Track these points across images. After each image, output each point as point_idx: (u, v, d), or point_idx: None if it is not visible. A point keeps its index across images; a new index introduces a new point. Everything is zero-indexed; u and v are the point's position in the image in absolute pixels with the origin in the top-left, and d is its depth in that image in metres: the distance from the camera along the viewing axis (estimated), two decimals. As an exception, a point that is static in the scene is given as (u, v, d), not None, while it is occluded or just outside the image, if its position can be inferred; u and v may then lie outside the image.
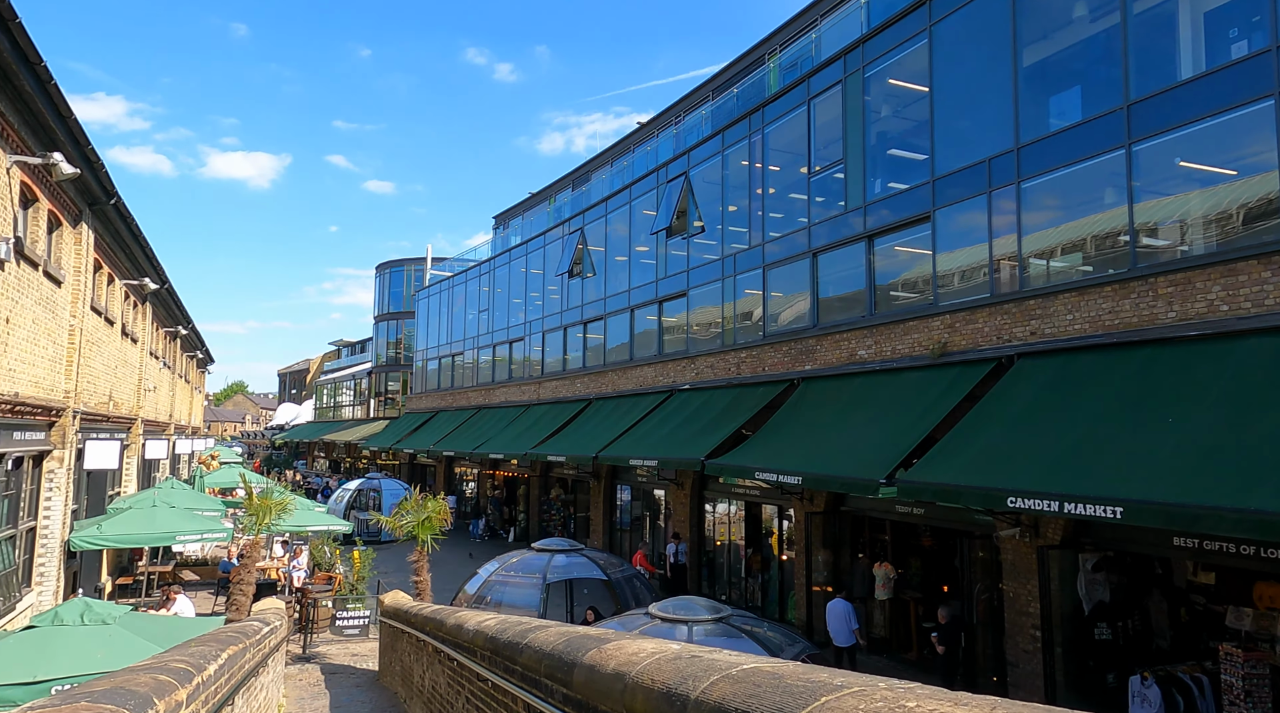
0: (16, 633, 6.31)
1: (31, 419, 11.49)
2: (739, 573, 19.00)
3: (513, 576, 11.87)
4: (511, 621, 5.42)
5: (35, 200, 11.23)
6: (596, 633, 3.94)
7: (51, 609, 6.48)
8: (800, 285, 17.07)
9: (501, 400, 32.51)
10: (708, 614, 7.76)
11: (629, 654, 3.11)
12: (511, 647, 4.69)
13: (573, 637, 3.92)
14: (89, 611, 6.45)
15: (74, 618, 6.35)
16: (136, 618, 6.85)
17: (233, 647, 5.45)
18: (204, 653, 4.62)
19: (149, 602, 15.78)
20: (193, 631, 6.92)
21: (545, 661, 3.92)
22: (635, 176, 25.08)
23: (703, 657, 2.71)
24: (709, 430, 17.11)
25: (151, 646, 6.23)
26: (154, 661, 4.01)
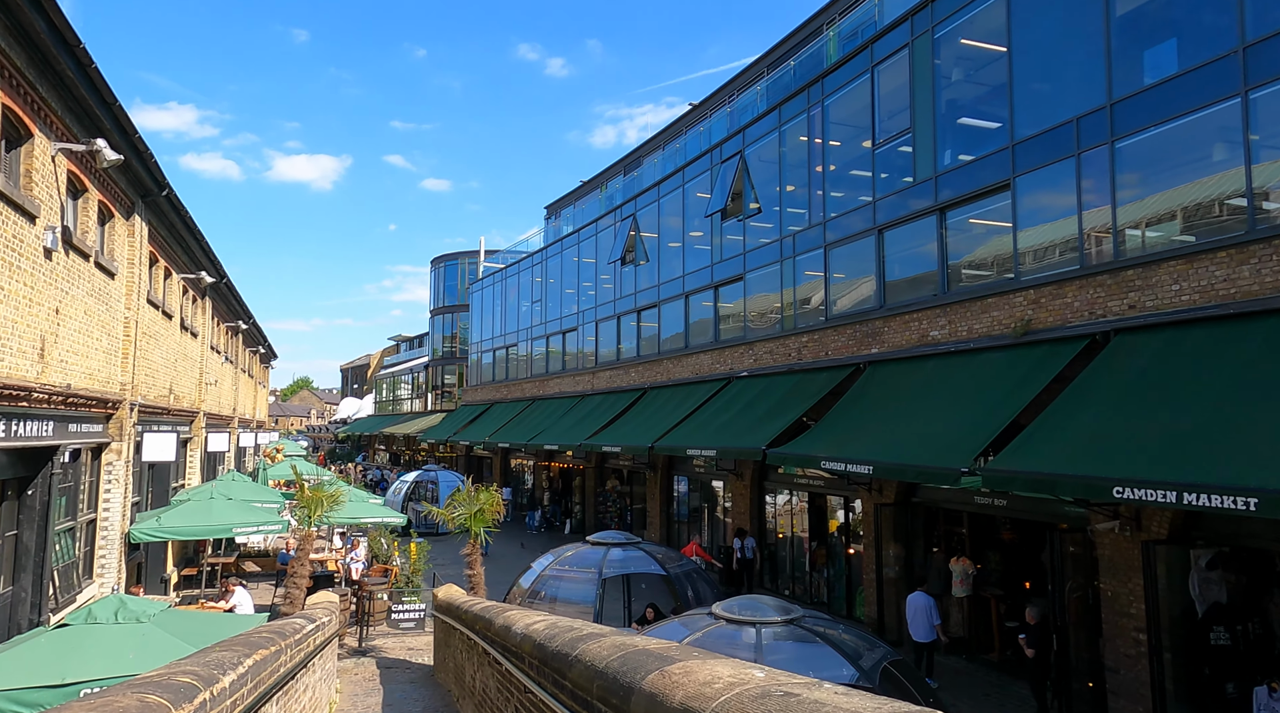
0: (48, 630, 6.06)
1: (87, 411, 11.46)
2: (802, 567, 18.20)
3: (567, 570, 11.37)
4: (562, 625, 4.85)
5: (84, 191, 11.14)
6: (658, 648, 3.33)
7: (85, 607, 6.22)
8: (865, 265, 16.13)
9: (555, 391, 32.21)
10: (777, 615, 7.09)
11: (699, 683, 2.48)
12: (560, 658, 4.11)
13: (630, 652, 3.31)
14: (123, 608, 6.15)
15: (107, 616, 6.06)
16: (173, 616, 6.55)
17: (262, 650, 5.02)
18: (222, 661, 4.16)
19: (209, 593, 15.85)
20: (230, 629, 6.58)
21: (598, 680, 3.32)
22: (688, 158, 24.33)
23: (800, 696, 2.06)
24: (769, 418, 16.35)
25: (185, 646, 5.89)
26: (158, 673, 3.55)
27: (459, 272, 51.72)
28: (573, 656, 3.87)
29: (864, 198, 16.29)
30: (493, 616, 7.19)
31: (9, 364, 8.58)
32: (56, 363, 10.08)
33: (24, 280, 8.86)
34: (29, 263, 8.98)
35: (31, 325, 9.16)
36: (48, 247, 9.39)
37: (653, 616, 12.42)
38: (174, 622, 6.41)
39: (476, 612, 8.40)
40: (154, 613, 6.27)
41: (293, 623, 7.01)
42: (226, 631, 6.49)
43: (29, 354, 9.13)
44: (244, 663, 4.39)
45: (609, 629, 4.47)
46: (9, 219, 8.38)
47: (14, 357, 8.71)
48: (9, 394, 8.46)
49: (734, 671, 2.53)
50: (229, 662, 4.22)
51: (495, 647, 6.60)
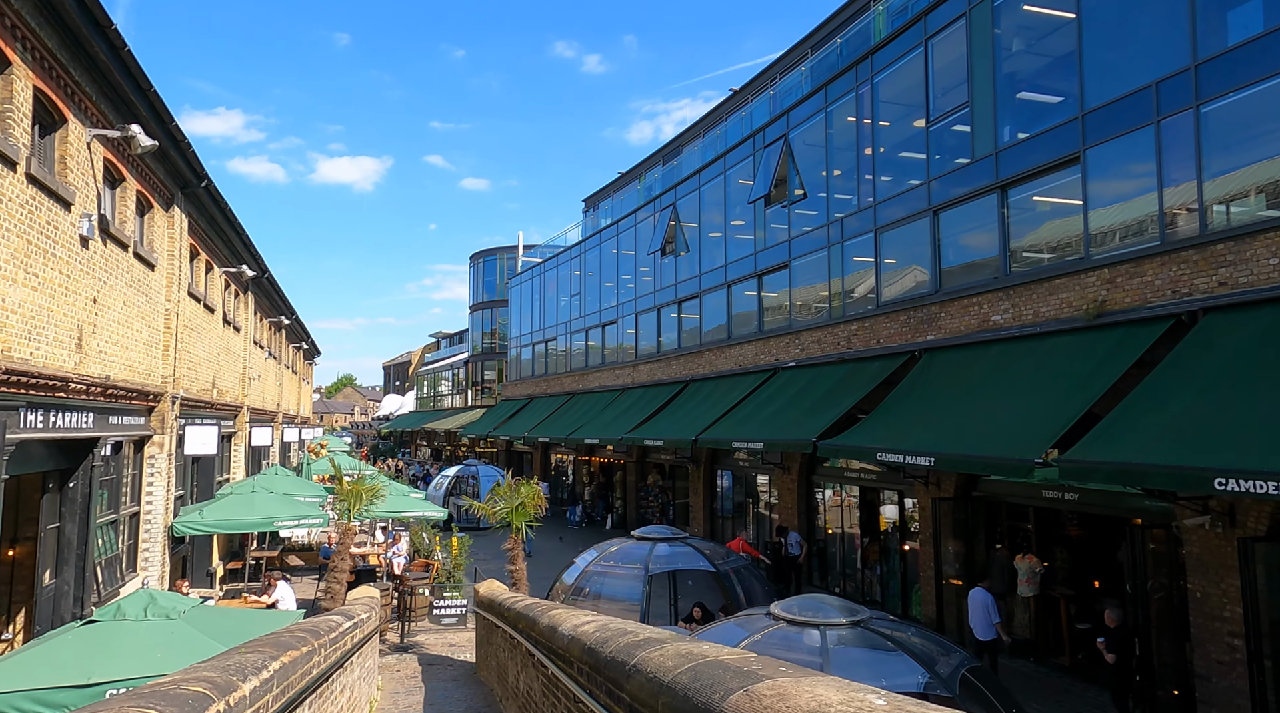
0: (76, 627, 5.81)
1: (127, 403, 11.35)
2: (853, 564, 17.53)
3: (612, 566, 10.93)
4: (614, 628, 4.38)
5: (122, 180, 11.02)
6: (733, 659, 2.83)
7: (114, 602, 5.96)
8: (918, 248, 15.39)
9: (595, 385, 31.86)
10: (842, 616, 6.54)
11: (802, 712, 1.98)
12: (615, 666, 3.65)
13: (700, 663, 2.83)
14: (153, 604, 5.88)
15: (137, 612, 5.78)
16: (205, 612, 6.27)
17: (292, 652, 4.64)
18: (245, 665, 3.78)
19: (253, 588, 15.79)
20: (264, 626, 6.28)
21: (664, 696, 2.84)
22: (729, 145, 23.72)
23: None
24: (818, 410, 15.72)
25: (215, 644, 5.58)
26: (171, 680, 3.17)
27: (498, 267, 51.71)
28: (630, 664, 3.40)
29: (917, 179, 15.54)
30: (536, 614, 6.77)
31: (45, 354, 8.42)
32: (95, 354, 9.94)
33: (59, 268, 8.70)
34: (64, 251, 8.82)
35: (68, 315, 9.01)
36: (84, 234, 9.23)
37: (700, 614, 11.94)
38: (206, 618, 6.12)
39: (519, 609, 8.00)
40: (184, 609, 5.98)
41: (329, 620, 6.68)
42: (259, 628, 6.18)
43: (66, 344, 8.98)
44: (269, 667, 4.01)
45: (668, 633, 4.00)
46: (42, 205, 8.21)
47: (50, 346, 8.55)
48: (45, 384, 8.29)
49: (843, 695, 2.02)
50: (252, 666, 3.84)
51: (540, 648, 6.17)
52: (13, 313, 7.63)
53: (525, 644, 7.37)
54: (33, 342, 8.13)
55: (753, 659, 2.84)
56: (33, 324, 8.10)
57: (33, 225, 7.99)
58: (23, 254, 7.79)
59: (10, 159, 7.36)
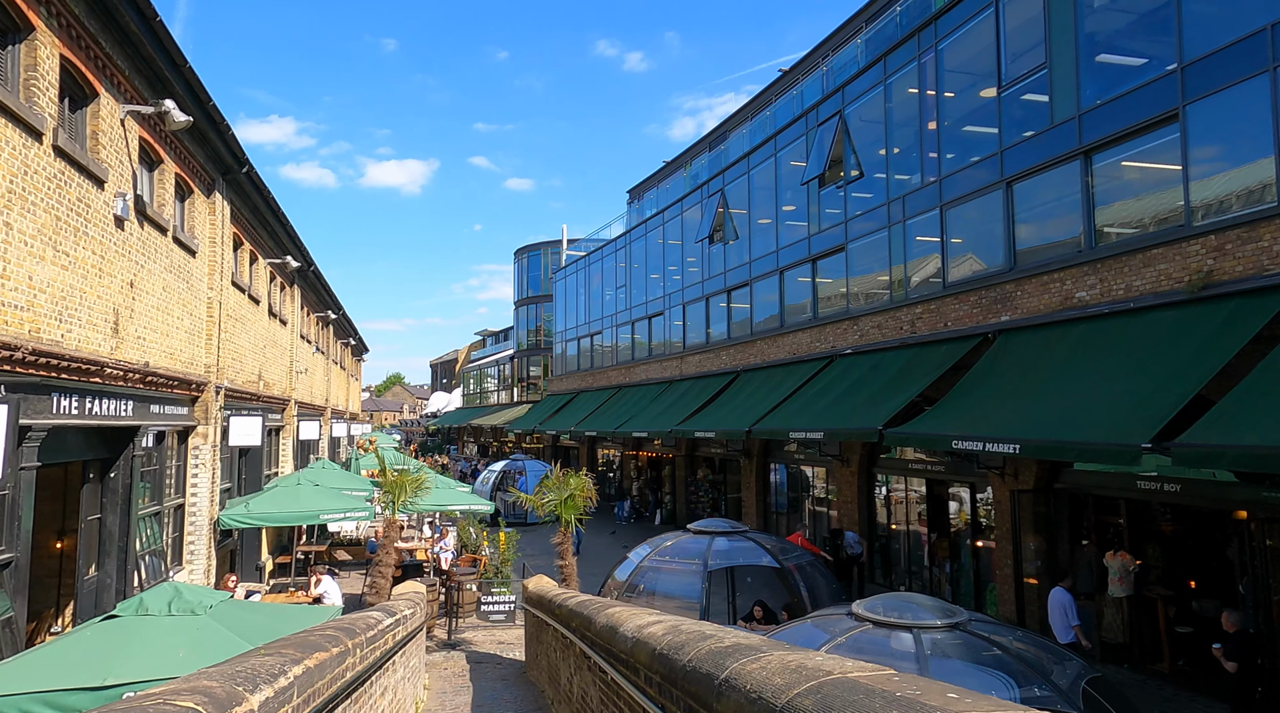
0: (95, 623, 5.37)
1: (168, 392, 11.07)
2: (919, 561, 16.56)
3: (668, 561, 10.26)
4: (689, 630, 3.70)
5: (159, 162, 10.71)
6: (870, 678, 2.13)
7: (137, 596, 5.52)
8: (990, 223, 14.36)
9: (642, 378, 31.22)
10: (936, 618, 5.76)
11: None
12: (698, 679, 2.96)
13: (826, 681, 2.13)
14: (178, 599, 5.40)
15: (160, 607, 5.31)
16: (234, 608, 5.79)
17: (320, 654, 4.07)
18: (258, 671, 3.19)
19: (300, 582, 15.53)
20: (297, 623, 5.77)
21: (779, 727, 2.15)
22: (779, 126, 22.82)
23: None
24: (881, 398, 14.81)
25: (241, 643, 5.09)
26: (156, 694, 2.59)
27: (541, 262, 51.45)
28: (721, 678, 2.72)
29: (987, 150, 14.52)
30: (592, 612, 6.13)
31: (78, 337, 8.08)
32: (133, 339, 9.63)
33: (92, 248, 8.36)
34: (97, 230, 8.48)
35: (103, 297, 8.67)
36: (118, 214, 8.89)
37: (761, 614, 11.20)
38: (235, 615, 5.63)
39: (572, 607, 7.38)
40: (211, 604, 5.49)
41: (367, 618, 6.13)
42: (293, 625, 5.67)
43: (100, 327, 8.65)
44: (289, 672, 3.43)
45: (755, 638, 3.30)
46: (72, 180, 7.85)
47: (84, 329, 8.21)
48: (79, 368, 7.95)
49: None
50: (268, 671, 3.26)
51: (598, 651, 5.53)
52: (41, 292, 7.27)
53: (579, 645, 6.75)
54: (64, 324, 7.79)
55: (896, 678, 2.13)
56: (64, 305, 7.75)
57: (62, 201, 7.63)
58: (51, 231, 7.43)
59: (35, 129, 6.99)
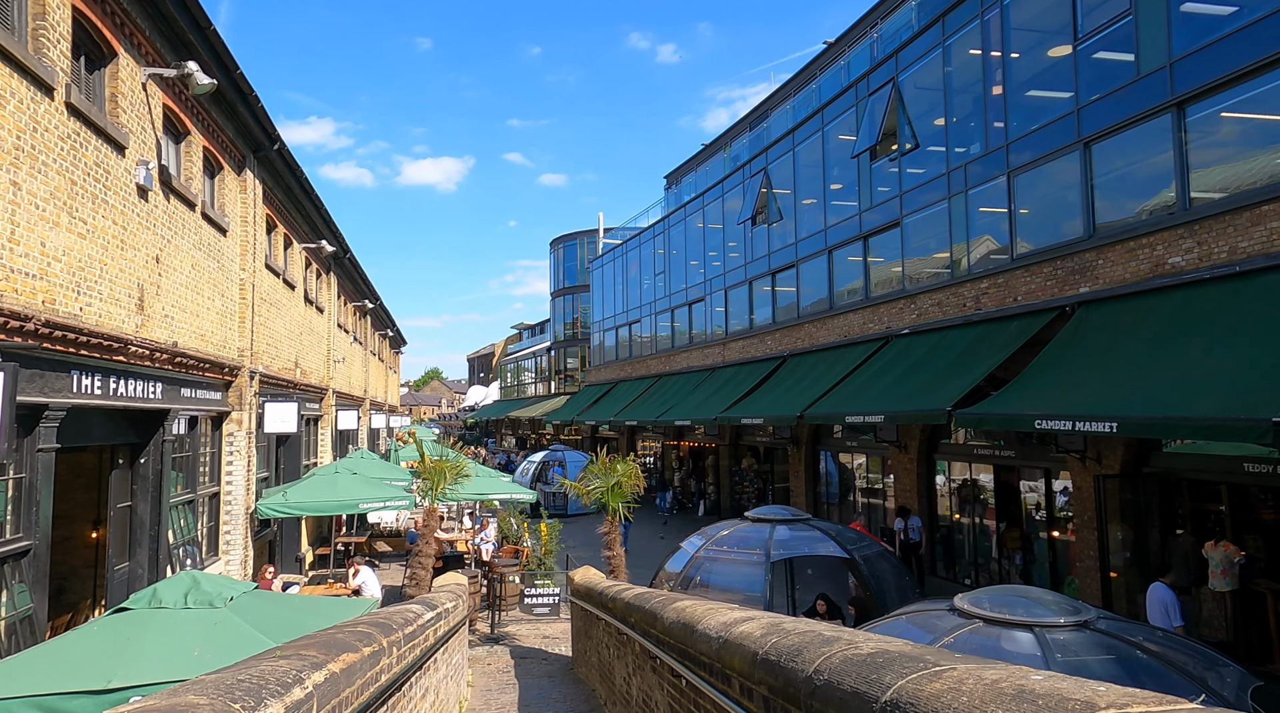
0: (105, 617, 4.81)
1: (200, 375, 10.61)
2: (986, 553, 15.56)
3: (725, 551, 9.51)
4: (797, 629, 2.94)
5: (186, 133, 10.22)
6: None
7: (150, 587, 4.95)
8: (1065, 188, 13.30)
9: (683, 366, 30.45)
10: (1059, 614, 4.93)
11: None
12: (847, 701, 2.20)
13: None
14: (195, 589, 4.81)
15: (175, 599, 4.73)
16: (258, 600, 5.19)
17: (348, 655, 3.40)
18: (269, 677, 2.52)
19: (338, 573, 15.12)
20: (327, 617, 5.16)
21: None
22: (824, 100, 21.82)
23: None
24: (946, 378, 13.85)
25: (264, 639, 4.48)
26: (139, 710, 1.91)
27: (578, 252, 50.87)
28: (884, 700, 1.97)
29: (1059, 110, 13.44)
30: (657, 607, 5.41)
31: (99, 311, 7.58)
32: (159, 317, 9.15)
33: (112, 217, 7.85)
34: (118, 199, 7.97)
35: (125, 271, 8.18)
36: (140, 183, 8.39)
37: (825, 608, 10.39)
38: (259, 608, 5.03)
39: (629, 600, 6.67)
40: (232, 596, 4.89)
41: (405, 612, 5.49)
42: (323, 619, 5.06)
43: (124, 303, 8.16)
44: (307, 680, 2.76)
45: (902, 644, 2.53)
46: (89, 143, 7.34)
47: (104, 303, 7.71)
48: (100, 345, 7.45)
49: None
50: (278, 680, 2.58)
51: (668, 650, 4.81)
52: (55, 260, 6.76)
53: (640, 642, 6.04)
54: (83, 296, 7.28)
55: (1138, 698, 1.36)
56: (82, 277, 7.25)
57: (77, 164, 7.12)
58: (65, 195, 6.91)
59: (44, 82, 6.46)
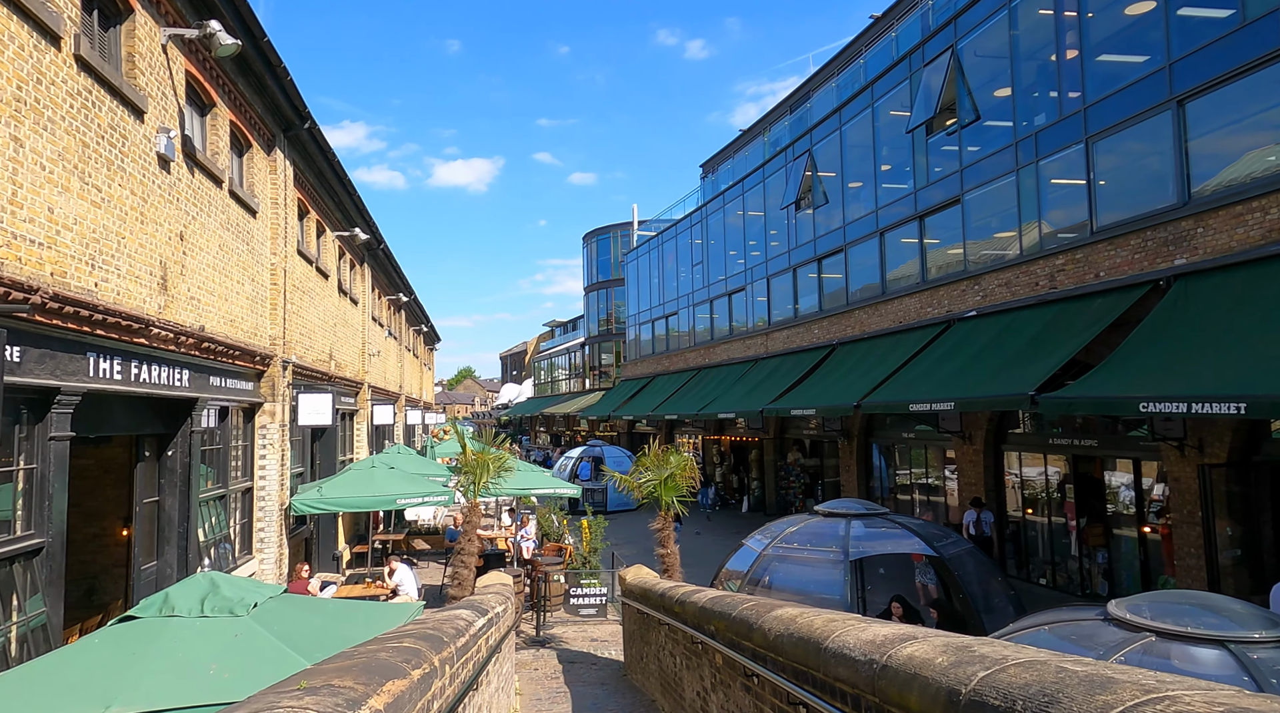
0: (110, 628, 4.11)
1: (229, 363, 10.01)
2: (1064, 550, 14.47)
3: (796, 549, 8.63)
4: (1038, 669, 2.09)
5: (211, 105, 9.61)
6: None
7: (161, 592, 4.25)
8: (1153, 153, 12.19)
9: (723, 358, 29.53)
10: (1255, 627, 4.00)
11: None
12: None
13: None
14: (214, 594, 4.09)
15: (189, 606, 4.02)
16: (287, 606, 4.46)
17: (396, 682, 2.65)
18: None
19: (377, 572, 14.52)
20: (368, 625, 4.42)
21: None
22: (873, 76, 20.75)
23: None
24: (1021, 362, 12.81)
25: (293, 655, 3.75)
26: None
27: (611, 246, 50.13)
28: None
29: (1145, 69, 12.31)
30: (749, 615, 4.58)
31: (116, 288, 6.95)
32: (184, 299, 8.54)
33: (131, 187, 7.22)
34: (136, 167, 7.34)
35: (146, 246, 7.55)
36: (162, 153, 7.76)
37: (900, 612, 9.47)
38: (287, 615, 4.29)
39: (704, 604, 5.85)
40: (256, 602, 4.16)
41: (456, 619, 4.72)
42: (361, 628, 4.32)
43: (145, 281, 7.53)
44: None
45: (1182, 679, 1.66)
46: (103, 103, 6.71)
47: (123, 280, 7.09)
48: (118, 325, 6.82)
49: None
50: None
51: (774, 668, 3.97)
52: (66, 229, 6.13)
53: (724, 653, 5.22)
54: (98, 271, 6.65)
55: None
56: (96, 249, 6.62)
57: (89, 124, 6.48)
58: (76, 157, 6.27)
59: (49, 30, 5.81)
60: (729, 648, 4.96)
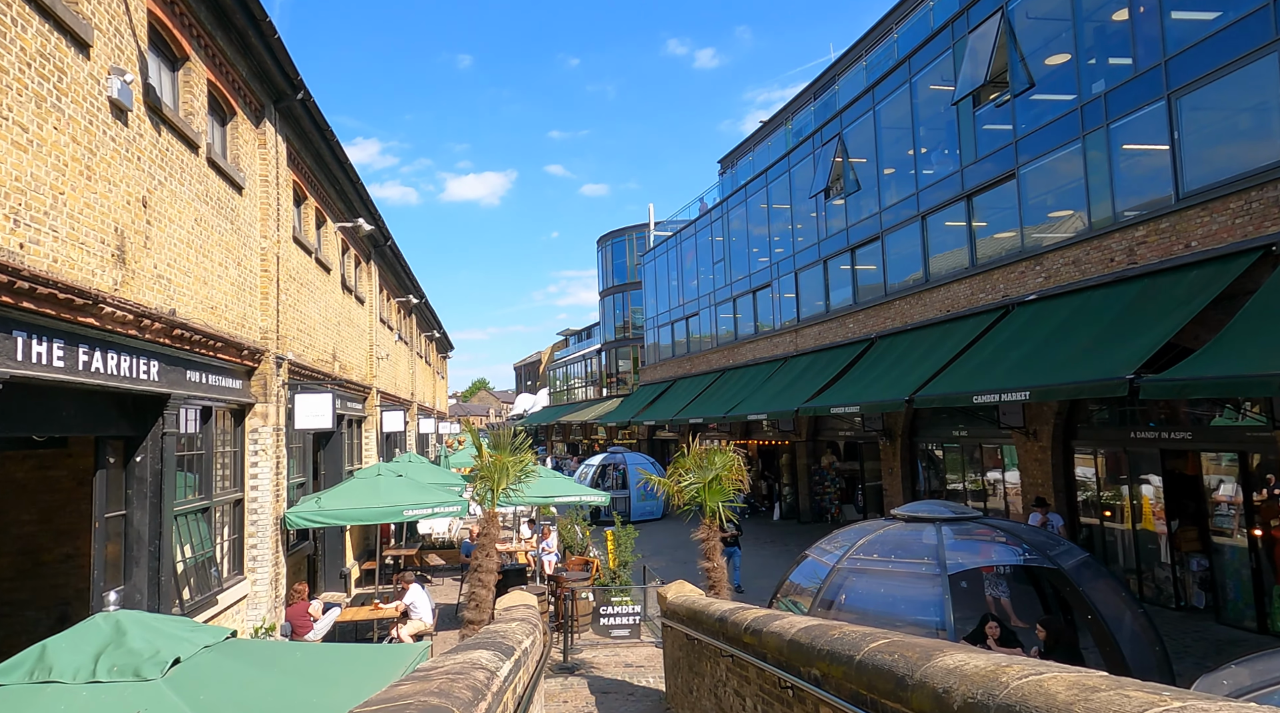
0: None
1: (210, 356, 8.73)
2: (1151, 557, 12.93)
3: (876, 561, 7.18)
4: None
5: (184, 58, 8.37)
6: None
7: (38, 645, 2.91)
8: (1255, 104, 10.73)
9: (749, 358, 28.12)
10: None
11: None
12: None
13: None
14: (117, 646, 2.73)
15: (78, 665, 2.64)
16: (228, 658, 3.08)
17: None
18: None
19: (385, 592, 13.18)
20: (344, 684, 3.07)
21: None
22: (906, 52, 19.39)
23: None
24: (1107, 345, 11.36)
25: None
26: None
27: (627, 249, 48.86)
28: None
29: (1242, 8, 10.88)
30: (897, 665, 3.18)
31: (51, 252, 5.67)
32: (149, 276, 7.26)
33: (73, 134, 5.96)
34: (80, 110, 6.08)
35: (94, 207, 6.28)
36: (114, 98, 6.50)
37: (997, 633, 8.01)
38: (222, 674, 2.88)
39: (795, 638, 4.46)
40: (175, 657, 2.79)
41: (474, 671, 3.35)
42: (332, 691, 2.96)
43: (93, 249, 6.26)
44: None
45: None
46: (27, 24, 5.44)
47: (62, 245, 5.81)
48: (53, 297, 5.54)
49: None
50: None
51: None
52: (-26, 170, 4.85)
53: (833, 704, 3.81)
54: (25, 229, 5.38)
55: None
56: (21, 202, 5.34)
57: (8, 44, 5.22)
58: (-11, 82, 5.01)
59: (-55, -88, 4.55)
60: (854, 705, 3.56)
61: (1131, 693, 2.06)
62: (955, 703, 2.60)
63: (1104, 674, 2.42)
